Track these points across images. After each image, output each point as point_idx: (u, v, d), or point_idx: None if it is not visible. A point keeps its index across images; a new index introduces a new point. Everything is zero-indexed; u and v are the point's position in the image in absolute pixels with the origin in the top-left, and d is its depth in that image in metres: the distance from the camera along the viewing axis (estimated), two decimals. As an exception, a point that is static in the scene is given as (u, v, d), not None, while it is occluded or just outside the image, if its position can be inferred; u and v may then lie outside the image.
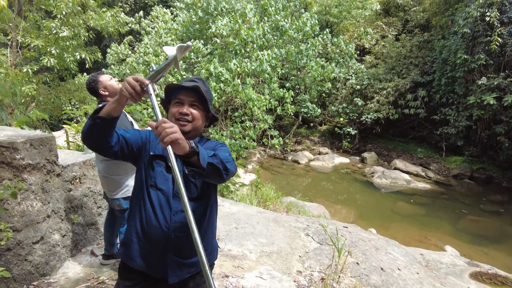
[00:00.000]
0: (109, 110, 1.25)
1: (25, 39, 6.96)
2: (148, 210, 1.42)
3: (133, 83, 1.19)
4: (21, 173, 2.45)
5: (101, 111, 1.25)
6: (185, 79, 1.56)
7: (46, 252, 2.66)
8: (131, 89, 1.19)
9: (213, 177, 1.32)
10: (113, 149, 1.37)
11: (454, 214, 8.23)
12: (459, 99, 10.84)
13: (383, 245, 4.22)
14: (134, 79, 1.20)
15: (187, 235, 1.42)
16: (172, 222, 1.41)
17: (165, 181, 1.45)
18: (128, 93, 1.19)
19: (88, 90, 2.60)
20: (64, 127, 6.41)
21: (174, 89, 1.53)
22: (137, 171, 1.52)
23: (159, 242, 1.41)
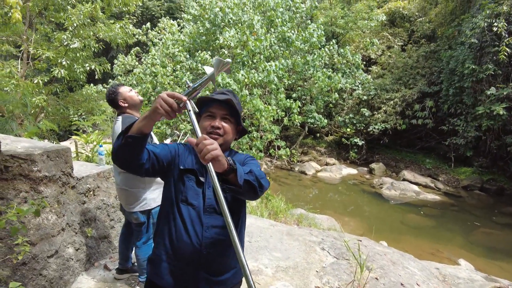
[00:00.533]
0: (140, 127, 1.20)
1: (37, 50, 7.03)
2: (179, 226, 1.38)
3: (169, 100, 1.14)
4: (37, 185, 2.41)
5: (132, 128, 1.21)
6: (216, 92, 1.53)
7: (60, 266, 2.60)
8: (167, 106, 1.13)
9: (247, 194, 1.28)
10: (144, 167, 1.32)
11: (466, 226, 8.08)
12: (468, 109, 10.77)
13: (399, 259, 4.11)
14: (170, 95, 1.15)
15: (219, 251, 1.39)
16: (204, 238, 1.36)
17: (196, 196, 1.40)
18: (163, 110, 1.14)
19: (108, 101, 2.58)
20: (73, 138, 6.42)
21: (205, 102, 1.49)
22: (165, 186, 1.48)
23: (190, 259, 1.36)
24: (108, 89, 2.59)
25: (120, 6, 7.63)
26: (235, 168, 1.17)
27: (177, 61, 10.97)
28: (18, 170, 2.28)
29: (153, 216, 2.63)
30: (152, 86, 10.37)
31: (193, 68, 10.69)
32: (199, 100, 1.50)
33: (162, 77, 9.97)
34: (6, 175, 2.20)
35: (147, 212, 2.58)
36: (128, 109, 2.55)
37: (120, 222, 3.38)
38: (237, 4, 11.04)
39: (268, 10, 11.57)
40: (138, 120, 1.22)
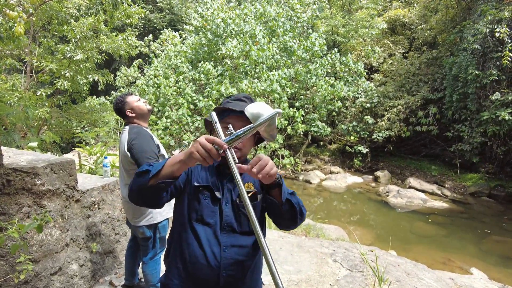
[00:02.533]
0: (173, 171, 1.11)
1: (40, 63, 7.03)
2: (194, 247, 1.27)
3: (208, 146, 1.04)
4: (41, 199, 2.32)
5: (162, 172, 1.11)
6: (232, 98, 1.43)
7: (64, 284, 2.49)
8: (204, 152, 1.03)
9: (285, 216, 1.22)
10: (164, 200, 1.25)
11: (476, 234, 7.90)
12: (472, 115, 10.68)
13: (412, 269, 3.98)
14: (209, 140, 1.05)
15: (239, 273, 1.29)
16: (222, 259, 1.26)
17: (212, 213, 1.30)
18: (200, 156, 1.04)
19: (115, 110, 2.51)
20: (76, 149, 6.36)
21: (221, 111, 1.39)
22: (177, 205, 1.37)
23: (209, 283, 1.26)
24: (116, 99, 2.52)
25: (123, 19, 7.65)
26: (281, 183, 1.12)
27: (180, 72, 10.98)
28: (21, 184, 2.19)
29: (159, 231, 2.52)
30: (155, 97, 10.36)
31: (196, 79, 10.69)
32: (215, 110, 1.39)
33: (165, 88, 9.97)
34: (9, 190, 2.12)
35: (154, 226, 2.48)
36: (136, 119, 2.48)
37: (126, 236, 3.28)
38: (238, 15, 11.11)
39: (269, 20, 11.63)
40: (170, 163, 1.13)
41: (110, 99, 12.72)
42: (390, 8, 16.91)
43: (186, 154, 1.08)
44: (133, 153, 2.30)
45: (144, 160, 2.26)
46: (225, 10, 11.40)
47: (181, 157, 1.10)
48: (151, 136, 2.44)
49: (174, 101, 9.98)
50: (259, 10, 11.65)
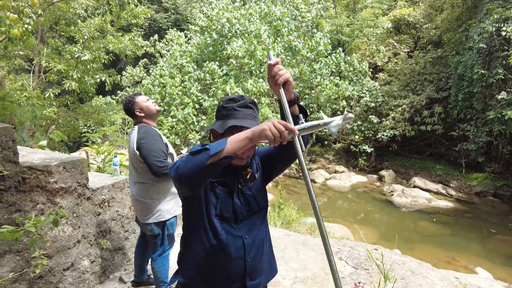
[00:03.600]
0: (236, 148, 1.10)
1: (48, 63, 7.14)
2: (215, 244, 1.32)
3: (281, 128, 1.06)
4: (54, 197, 2.40)
5: (225, 148, 1.10)
6: (239, 104, 1.36)
7: (76, 279, 2.57)
8: (277, 132, 1.05)
9: (304, 136, 1.31)
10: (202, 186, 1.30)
11: (481, 233, 7.90)
12: (478, 114, 10.64)
13: (417, 268, 4.01)
14: (283, 124, 1.07)
15: (259, 251, 1.40)
16: (246, 246, 1.34)
17: (228, 207, 1.35)
18: (272, 135, 1.05)
19: (125, 110, 2.57)
20: (84, 148, 6.45)
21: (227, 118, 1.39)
22: (191, 201, 1.36)
23: (237, 274, 1.33)
24: (125, 98, 2.58)
25: (129, 19, 7.73)
26: (299, 101, 1.26)
27: (185, 71, 11.05)
28: (36, 181, 2.27)
29: (168, 228, 2.58)
30: (161, 96, 10.43)
31: (201, 78, 10.74)
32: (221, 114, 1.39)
33: (171, 87, 10.04)
34: (24, 187, 2.19)
35: (162, 223, 2.54)
36: (145, 119, 2.53)
37: (135, 234, 3.34)
38: (243, 15, 11.14)
39: (274, 20, 11.65)
40: (233, 140, 1.11)
41: (117, 98, 12.82)
42: (395, 7, 16.83)
43: (256, 131, 1.08)
44: (141, 151, 2.36)
45: (152, 159, 2.32)
46: (230, 10, 11.44)
47: (247, 134, 1.10)
48: (160, 135, 2.50)
49: (179, 101, 10.05)
50: (264, 10, 11.68)
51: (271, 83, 1.21)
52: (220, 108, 1.39)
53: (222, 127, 1.30)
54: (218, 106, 1.41)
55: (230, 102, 1.37)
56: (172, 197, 2.56)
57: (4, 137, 2.02)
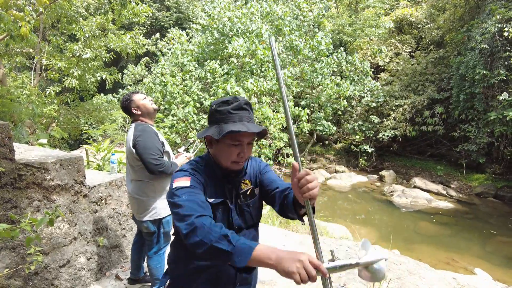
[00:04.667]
0: (256, 262, 1.02)
1: (49, 61, 7.16)
2: None
3: (312, 272, 0.94)
4: (50, 194, 2.41)
5: (251, 260, 1.00)
6: (233, 106, 1.29)
7: (72, 276, 2.58)
8: (306, 275, 0.94)
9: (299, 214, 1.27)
10: None
11: (481, 234, 7.87)
12: (479, 115, 10.60)
13: (415, 268, 4.00)
14: (315, 265, 0.96)
15: None
16: None
17: (225, 223, 1.33)
18: (300, 278, 0.93)
19: (122, 108, 2.58)
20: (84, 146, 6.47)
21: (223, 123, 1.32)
22: None
23: (225, 284, 1.36)
24: (123, 97, 2.59)
25: (131, 17, 7.75)
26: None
27: (186, 70, 11.06)
28: (32, 178, 2.28)
29: (163, 226, 2.58)
30: (162, 95, 10.45)
31: (202, 77, 10.75)
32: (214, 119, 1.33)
33: (172, 86, 10.05)
34: (20, 184, 2.20)
35: (158, 221, 2.54)
36: (141, 117, 2.54)
37: (132, 231, 3.35)
38: (245, 14, 11.14)
39: (276, 19, 11.64)
40: (256, 259, 1.01)
41: (118, 97, 12.85)
42: (397, 7, 16.79)
43: (283, 270, 0.96)
44: (137, 149, 2.36)
45: (148, 157, 2.33)
46: (232, 9, 11.43)
47: (273, 262, 0.99)
48: (156, 133, 2.50)
49: (180, 99, 10.07)
50: (266, 9, 11.67)
51: (294, 186, 1.10)
52: (213, 112, 1.32)
53: (218, 133, 1.25)
54: (211, 110, 1.34)
55: (223, 105, 1.30)
56: (168, 195, 2.57)
57: (0, 134, 2.03)
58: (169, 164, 2.45)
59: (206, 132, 1.30)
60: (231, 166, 1.32)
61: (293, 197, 1.23)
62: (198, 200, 1.18)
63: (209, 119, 1.36)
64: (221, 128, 1.26)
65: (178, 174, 1.29)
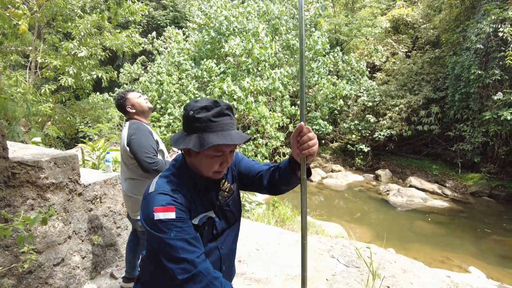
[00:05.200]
0: None
1: (45, 59, 7.12)
2: None
3: None
4: (44, 192, 2.40)
5: None
6: (213, 113, 1.16)
7: (66, 274, 2.57)
8: None
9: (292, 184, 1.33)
10: None
11: (475, 233, 7.93)
12: (474, 114, 10.68)
13: (409, 266, 4.02)
14: None
15: (232, 262, 1.42)
16: (222, 257, 1.33)
17: (210, 235, 1.29)
18: None
19: (116, 106, 2.57)
20: (79, 145, 6.44)
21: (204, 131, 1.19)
22: None
23: None
24: (118, 95, 2.59)
25: (127, 16, 7.71)
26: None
27: (183, 69, 11.04)
28: (26, 177, 2.27)
29: None
30: (158, 94, 10.43)
31: (199, 76, 10.74)
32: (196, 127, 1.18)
33: (168, 85, 10.03)
34: (14, 182, 2.19)
35: None
36: (136, 115, 2.54)
37: (127, 230, 3.35)
38: (241, 13, 11.13)
39: (272, 18, 11.65)
40: None
41: (114, 95, 12.80)
42: (393, 7, 16.86)
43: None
44: (132, 147, 2.36)
45: (142, 155, 2.32)
46: (228, 8, 11.43)
47: None
48: (150, 132, 2.50)
49: (176, 98, 10.05)
50: (262, 8, 11.67)
51: (294, 144, 1.15)
52: (191, 119, 1.16)
53: (199, 145, 1.13)
54: (188, 116, 1.18)
55: (202, 111, 1.15)
56: (163, 193, 2.56)
57: (-7, 132, 2.02)
58: (163, 162, 2.44)
59: (186, 144, 1.16)
60: (212, 176, 1.22)
61: (288, 161, 1.28)
62: (188, 237, 1.10)
63: (186, 126, 1.20)
64: (203, 140, 1.13)
65: (158, 200, 1.12)
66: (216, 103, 1.17)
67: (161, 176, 1.24)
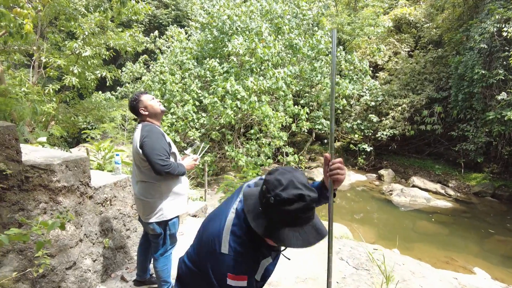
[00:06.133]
0: None
1: (48, 59, 7.10)
2: None
3: None
4: (56, 195, 2.39)
5: None
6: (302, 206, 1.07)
7: (78, 278, 2.56)
8: None
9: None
10: None
11: (479, 233, 7.93)
12: (478, 114, 10.66)
13: (417, 268, 4.02)
14: None
15: None
16: None
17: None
18: None
19: (129, 108, 2.57)
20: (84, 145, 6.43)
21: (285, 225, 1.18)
22: None
23: None
24: (131, 96, 2.58)
25: (130, 15, 7.68)
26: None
27: (185, 68, 11.01)
28: (38, 180, 2.25)
29: (169, 228, 2.57)
30: (161, 93, 10.40)
31: (201, 75, 10.71)
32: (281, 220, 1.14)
33: (171, 84, 10.00)
34: (27, 186, 2.18)
35: (164, 223, 2.53)
36: (148, 118, 2.53)
37: (136, 232, 3.34)
38: (244, 12, 11.09)
39: (275, 17, 11.61)
40: None
41: (116, 94, 12.77)
42: (396, 6, 16.80)
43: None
44: (144, 150, 2.35)
45: (155, 157, 2.31)
46: (231, 7, 11.38)
47: None
48: (163, 134, 2.49)
49: (179, 98, 10.03)
50: (265, 7, 11.63)
51: (325, 172, 1.34)
52: (269, 206, 1.08)
53: (269, 233, 1.10)
54: (267, 199, 1.09)
55: (286, 204, 1.06)
56: (174, 197, 2.55)
57: (7, 136, 2.00)
58: (175, 165, 2.43)
59: (257, 226, 1.11)
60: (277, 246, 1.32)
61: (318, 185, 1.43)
62: None
63: (264, 205, 1.12)
64: (277, 234, 1.08)
65: (232, 267, 1.14)
66: (302, 197, 1.06)
67: (233, 233, 1.20)
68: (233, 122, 9.53)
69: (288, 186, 1.07)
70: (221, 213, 1.30)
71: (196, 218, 4.83)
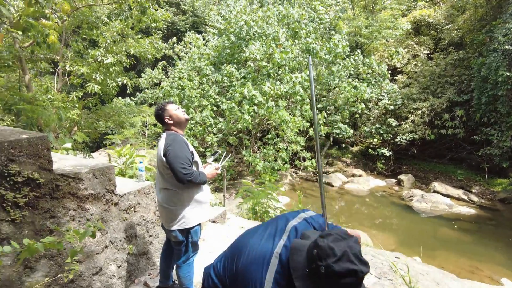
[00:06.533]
0: None
1: (73, 67, 7.34)
2: None
3: None
4: (84, 203, 2.46)
5: None
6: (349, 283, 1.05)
7: (104, 283, 2.62)
8: None
9: None
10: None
11: (506, 242, 7.64)
12: (503, 118, 10.31)
13: (441, 278, 3.91)
14: None
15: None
16: None
17: None
18: None
19: (155, 116, 2.64)
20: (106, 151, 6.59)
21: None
22: None
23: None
24: (157, 105, 2.65)
25: (149, 23, 7.86)
26: None
27: (203, 74, 11.15)
28: (67, 188, 2.33)
29: (192, 235, 2.59)
30: (179, 99, 10.56)
31: (219, 81, 10.82)
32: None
33: (189, 90, 10.15)
34: (57, 194, 2.26)
35: (186, 231, 2.56)
36: (173, 126, 2.58)
37: (159, 238, 3.39)
38: (261, 17, 11.16)
39: (292, 22, 11.62)
40: None
41: (135, 100, 13.05)
42: (414, 8, 16.51)
43: None
44: (168, 158, 2.39)
45: (178, 165, 2.35)
46: (248, 13, 11.47)
47: None
48: (186, 143, 2.53)
49: (198, 103, 10.16)
50: (282, 12, 11.66)
51: None
52: (319, 272, 1.06)
53: None
54: (317, 266, 1.07)
55: (340, 277, 1.03)
56: (196, 204, 2.58)
57: (40, 146, 2.08)
58: (197, 173, 2.47)
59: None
60: None
61: None
62: None
63: (313, 273, 1.09)
64: None
65: None
66: (355, 273, 1.02)
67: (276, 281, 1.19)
68: (250, 127, 9.57)
69: (342, 258, 1.03)
70: (263, 253, 1.26)
71: (215, 224, 4.86)
